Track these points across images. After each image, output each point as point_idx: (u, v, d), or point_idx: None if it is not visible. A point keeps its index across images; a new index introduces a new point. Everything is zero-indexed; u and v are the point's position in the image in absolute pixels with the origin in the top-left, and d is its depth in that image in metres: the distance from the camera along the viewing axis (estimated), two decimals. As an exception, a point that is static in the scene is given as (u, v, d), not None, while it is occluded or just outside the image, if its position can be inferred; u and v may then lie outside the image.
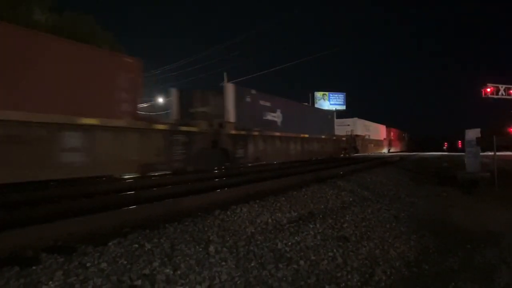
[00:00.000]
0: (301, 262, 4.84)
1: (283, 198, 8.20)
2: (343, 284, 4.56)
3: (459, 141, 50.33)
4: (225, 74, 39.90)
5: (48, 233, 4.74)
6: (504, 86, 39.03)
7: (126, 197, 7.79)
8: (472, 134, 15.41)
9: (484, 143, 14.91)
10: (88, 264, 3.72)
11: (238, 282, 3.97)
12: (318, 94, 60.18)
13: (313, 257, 5.11)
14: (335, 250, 5.51)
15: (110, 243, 4.41)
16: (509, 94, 39.05)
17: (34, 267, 3.58)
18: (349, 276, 4.77)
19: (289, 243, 5.42)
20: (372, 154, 41.57)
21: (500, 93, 38.83)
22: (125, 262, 3.88)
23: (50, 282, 3.28)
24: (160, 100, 42.95)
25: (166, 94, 30.95)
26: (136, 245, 4.42)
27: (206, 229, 5.46)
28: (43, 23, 20.07)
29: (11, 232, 4.58)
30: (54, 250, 4.11)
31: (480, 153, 15.34)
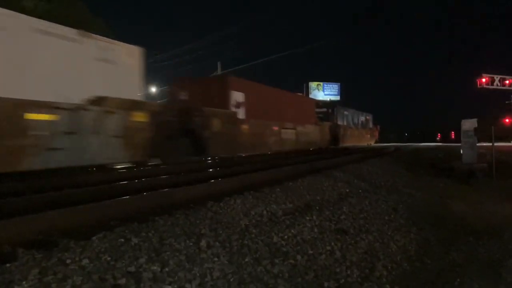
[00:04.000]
0: (298, 257, 4.58)
1: (279, 189, 7.93)
2: (343, 280, 4.31)
3: (452, 132, 50.31)
4: (218, 63, 39.65)
5: (29, 226, 4.40)
6: (499, 76, 38.89)
7: (117, 187, 7.47)
8: (469, 124, 15.22)
9: (481, 134, 14.73)
10: (68, 261, 3.42)
11: (231, 279, 3.69)
12: (313, 85, 60.00)
13: (310, 251, 4.85)
14: (333, 244, 5.26)
15: (94, 237, 4.11)
16: (504, 85, 38.96)
17: (8, 265, 3.27)
18: (349, 272, 4.52)
19: (285, 237, 5.15)
20: None
21: (495, 83, 38.72)
22: (109, 259, 3.58)
23: (24, 282, 2.98)
24: (153, 89, 42.38)
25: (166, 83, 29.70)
26: (122, 240, 4.12)
27: (198, 222, 5.17)
28: (32, 9, 19.58)
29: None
30: (33, 245, 3.80)
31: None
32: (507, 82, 38.43)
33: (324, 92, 60.70)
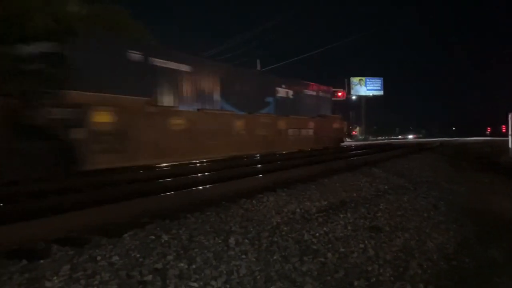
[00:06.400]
0: (329, 255, 4.52)
1: (313, 186, 7.87)
2: (374, 279, 4.20)
3: (503, 126, 48.28)
4: (258, 61, 39.54)
5: (65, 223, 4.57)
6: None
7: (150, 186, 7.63)
8: (517, 117, 14.60)
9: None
10: (98, 258, 3.53)
11: (258, 276, 3.68)
12: (355, 80, 59.08)
13: (342, 249, 4.78)
14: (366, 242, 5.15)
15: (125, 235, 4.22)
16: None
17: (41, 261, 3.42)
18: (381, 270, 4.41)
19: (317, 234, 5.10)
20: None
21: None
22: (138, 255, 3.66)
23: (55, 278, 3.09)
24: None
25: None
26: (153, 237, 4.21)
27: (228, 219, 5.20)
28: (76, 15, 20.30)
29: (26, 223, 4.44)
30: (66, 242, 3.94)
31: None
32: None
33: (366, 87, 59.69)
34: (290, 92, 20.21)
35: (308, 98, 22.09)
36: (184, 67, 13.84)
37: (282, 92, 19.49)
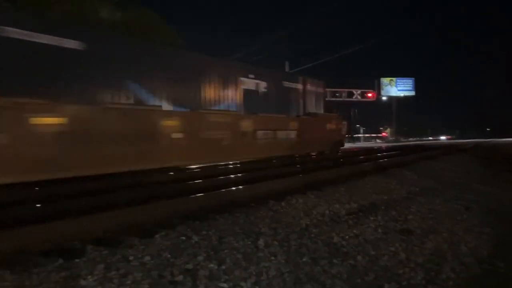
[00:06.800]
0: (359, 258, 4.49)
1: (343, 188, 7.82)
2: (405, 282, 4.15)
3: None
4: (286, 63, 39.38)
5: (99, 224, 4.70)
6: None
7: (180, 187, 7.74)
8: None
9: None
10: (130, 258, 3.61)
11: (287, 278, 3.69)
12: (385, 80, 58.14)
13: (372, 252, 4.74)
14: (397, 245, 5.09)
15: (157, 235, 4.30)
16: None
17: (77, 260, 3.53)
18: (412, 274, 4.35)
19: (346, 237, 5.07)
20: None
21: None
22: (169, 256, 3.73)
23: (90, 276, 3.19)
24: None
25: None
26: (183, 238, 4.28)
27: (257, 221, 5.23)
28: (108, 20, 20.83)
29: (62, 222, 4.59)
30: (100, 242, 4.05)
31: None
32: None
33: (397, 88, 58.67)
34: (262, 84, 15.64)
35: (290, 93, 17.37)
36: (68, 43, 9.50)
37: (250, 83, 15.03)
